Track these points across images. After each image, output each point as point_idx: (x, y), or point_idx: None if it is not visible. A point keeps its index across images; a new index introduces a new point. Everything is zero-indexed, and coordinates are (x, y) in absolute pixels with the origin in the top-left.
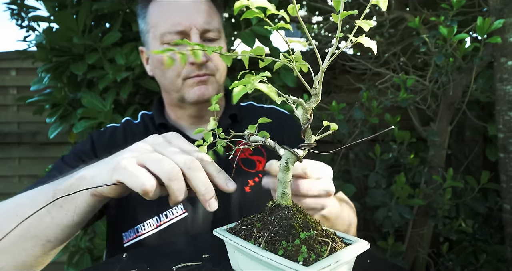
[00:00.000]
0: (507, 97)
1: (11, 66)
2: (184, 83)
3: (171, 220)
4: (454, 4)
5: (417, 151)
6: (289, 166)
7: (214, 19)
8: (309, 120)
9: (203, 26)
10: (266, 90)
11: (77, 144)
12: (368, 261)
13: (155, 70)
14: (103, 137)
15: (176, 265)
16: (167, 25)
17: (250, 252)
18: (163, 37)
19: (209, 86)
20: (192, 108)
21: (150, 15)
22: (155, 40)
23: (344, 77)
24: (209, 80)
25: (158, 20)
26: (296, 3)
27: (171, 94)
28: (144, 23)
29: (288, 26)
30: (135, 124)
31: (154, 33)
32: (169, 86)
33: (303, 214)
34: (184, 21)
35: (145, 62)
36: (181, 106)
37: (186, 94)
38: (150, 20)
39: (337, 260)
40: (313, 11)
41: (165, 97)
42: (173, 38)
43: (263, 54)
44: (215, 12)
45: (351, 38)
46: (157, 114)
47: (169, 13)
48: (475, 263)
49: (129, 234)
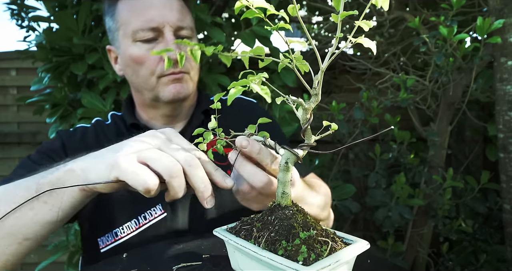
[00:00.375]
0: (507, 97)
1: (11, 66)
2: (159, 81)
3: (150, 221)
4: (454, 4)
5: (417, 151)
6: (289, 166)
7: (187, 17)
8: (309, 120)
9: (177, 23)
10: (261, 93)
11: (43, 143)
12: (368, 261)
13: (125, 69)
14: (73, 137)
15: (176, 265)
16: (139, 22)
17: (250, 252)
18: (135, 34)
19: (184, 84)
20: (166, 108)
21: (119, 13)
22: (126, 38)
23: (344, 77)
24: (184, 78)
25: (129, 17)
26: (296, 3)
27: (143, 93)
28: (112, 21)
29: (288, 26)
30: (107, 125)
31: (125, 31)
32: (142, 85)
33: (303, 213)
34: (157, 17)
35: (113, 62)
36: (154, 106)
37: (161, 93)
38: (119, 18)
39: (337, 260)
40: (313, 11)
41: (136, 97)
42: (146, 35)
43: (263, 54)
44: (187, 12)
45: (350, 38)
46: (128, 114)
47: (141, 10)
48: (475, 263)
49: (106, 239)
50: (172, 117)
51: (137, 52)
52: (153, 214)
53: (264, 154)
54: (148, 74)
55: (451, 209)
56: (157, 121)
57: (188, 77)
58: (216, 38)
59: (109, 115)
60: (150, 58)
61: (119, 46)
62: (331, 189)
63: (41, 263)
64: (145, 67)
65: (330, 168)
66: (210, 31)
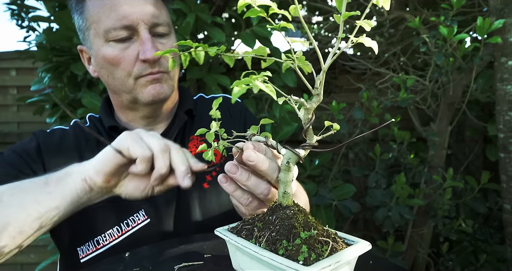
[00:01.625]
0: (507, 97)
1: (11, 66)
2: (137, 82)
3: (133, 228)
4: (454, 4)
5: (417, 151)
6: (290, 166)
7: (163, 12)
8: (311, 120)
9: (152, 20)
10: (266, 90)
11: (17, 142)
12: (370, 262)
13: (100, 71)
14: (51, 138)
15: (178, 265)
16: (111, 20)
17: (251, 251)
18: (107, 34)
19: (164, 84)
20: (146, 109)
21: (89, 10)
22: (98, 38)
23: (344, 77)
24: (163, 78)
25: (99, 15)
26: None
27: (121, 95)
28: (82, 19)
29: (290, 26)
30: (81, 128)
31: (96, 30)
32: (119, 87)
33: (304, 213)
34: (130, 14)
35: (86, 63)
36: (133, 108)
37: (140, 94)
38: (89, 16)
39: (337, 260)
40: (313, 11)
41: (113, 99)
42: (119, 34)
43: (265, 54)
44: (162, 5)
45: (352, 38)
46: (106, 117)
47: (112, 7)
48: (475, 263)
49: (87, 248)
50: (153, 118)
51: (111, 53)
52: (136, 220)
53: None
54: (124, 75)
55: (451, 209)
56: (137, 123)
57: (168, 76)
58: (216, 38)
59: (86, 117)
60: (125, 58)
61: (91, 47)
62: (331, 189)
63: (41, 263)
64: (120, 68)
65: (330, 168)
66: (210, 31)
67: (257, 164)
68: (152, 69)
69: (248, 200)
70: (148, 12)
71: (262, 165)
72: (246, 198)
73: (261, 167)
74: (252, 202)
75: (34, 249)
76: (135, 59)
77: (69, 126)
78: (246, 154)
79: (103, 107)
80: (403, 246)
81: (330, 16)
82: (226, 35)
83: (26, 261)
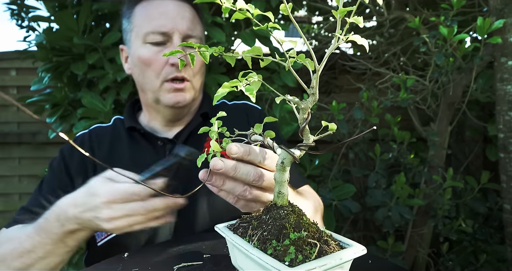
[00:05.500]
0: (507, 97)
1: (11, 66)
2: (162, 86)
3: None
4: (454, 4)
5: (417, 151)
6: (285, 166)
7: (197, 27)
8: (306, 119)
9: (186, 31)
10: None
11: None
12: (369, 262)
13: (133, 69)
14: (73, 150)
15: (177, 265)
16: (151, 26)
17: (243, 249)
18: (146, 37)
19: (186, 94)
20: (167, 111)
21: (135, 16)
22: (137, 39)
23: (344, 77)
24: (186, 88)
25: (143, 21)
26: (296, 3)
27: (147, 94)
28: (128, 22)
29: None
30: (104, 128)
31: (137, 32)
32: (146, 85)
33: (298, 214)
34: (169, 24)
35: (123, 61)
36: (155, 108)
37: (162, 97)
38: (134, 20)
39: (323, 263)
40: (313, 11)
41: (141, 96)
42: (156, 38)
43: (261, 54)
44: (198, 22)
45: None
46: (127, 118)
47: (155, 15)
48: (475, 263)
49: (101, 233)
50: (172, 122)
51: (146, 54)
52: None
53: (253, 155)
54: (153, 76)
55: (451, 209)
56: (158, 122)
57: (190, 85)
58: (216, 38)
59: (112, 119)
60: (157, 61)
61: (130, 46)
62: (331, 189)
63: None
64: (151, 69)
65: (330, 168)
66: (210, 31)
67: (224, 172)
68: (178, 74)
69: (235, 199)
70: (184, 24)
71: (230, 171)
72: (231, 197)
73: (229, 174)
74: (239, 201)
75: None
76: (165, 63)
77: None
78: (211, 163)
79: (127, 110)
80: (403, 246)
81: (330, 16)
82: (226, 35)
83: None
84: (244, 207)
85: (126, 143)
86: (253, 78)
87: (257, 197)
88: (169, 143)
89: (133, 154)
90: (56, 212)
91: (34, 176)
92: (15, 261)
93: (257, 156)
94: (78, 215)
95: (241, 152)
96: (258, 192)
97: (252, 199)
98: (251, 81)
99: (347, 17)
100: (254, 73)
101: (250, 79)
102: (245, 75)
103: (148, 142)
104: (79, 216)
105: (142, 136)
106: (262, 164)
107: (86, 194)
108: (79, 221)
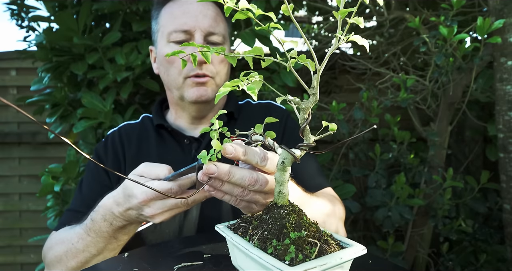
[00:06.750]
0: (507, 97)
1: (11, 66)
2: (185, 82)
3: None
4: (454, 4)
5: (417, 151)
6: (286, 166)
7: (220, 24)
8: (307, 119)
9: (208, 28)
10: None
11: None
12: (369, 262)
13: (160, 68)
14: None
15: (177, 265)
16: (174, 25)
17: (243, 248)
18: (169, 36)
19: (208, 88)
20: (191, 108)
21: (161, 17)
22: (162, 38)
23: (344, 77)
24: (208, 83)
25: (167, 21)
26: (296, 3)
27: (172, 92)
28: (155, 23)
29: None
30: (131, 125)
31: (162, 32)
32: (171, 83)
33: (298, 214)
34: (190, 22)
35: (153, 61)
36: (181, 105)
37: (186, 92)
38: (160, 21)
39: (324, 263)
40: (313, 11)
41: (168, 95)
42: (179, 37)
43: (262, 54)
44: (222, 19)
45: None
46: (156, 116)
47: (178, 14)
48: (475, 263)
49: None
50: (198, 119)
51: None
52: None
53: (250, 155)
54: (176, 74)
55: (451, 209)
56: (184, 120)
57: (213, 81)
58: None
59: (141, 116)
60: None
61: (157, 47)
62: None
63: (41, 263)
64: (174, 66)
65: (330, 168)
66: None
67: (217, 176)
68: (199, 71)
69: (237, 202)
70: (206, 22)
71: (224, 176)
72: (233, 199)
73: (223, 179)
74: (240, 202)
75: (34, 249)
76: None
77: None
78: (204, 167)
79: (155, 108)
80: (403, 246)
81: (330, 16)
82: None
83: (26, 261)
84: (245, 208)
85: (153, 140)
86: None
87: (256, 200)
88: (195, 142)
89: (160, 151)
90: (101, 213)
91: (34, 176)
92: (71, 260)
93: (254, 157)
94: (124, 213)
95: (237, 152)
96: (256, 195)
97: (251, 201)
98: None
99: (347, 18)
100: (255, 73)
101: (251, 79)
102: (247, 75)
103: (175, 140)
104: (124, 214)
105: (169, 134)
106: (259, 165)
107: (124, 195)
108: (126, 218)
